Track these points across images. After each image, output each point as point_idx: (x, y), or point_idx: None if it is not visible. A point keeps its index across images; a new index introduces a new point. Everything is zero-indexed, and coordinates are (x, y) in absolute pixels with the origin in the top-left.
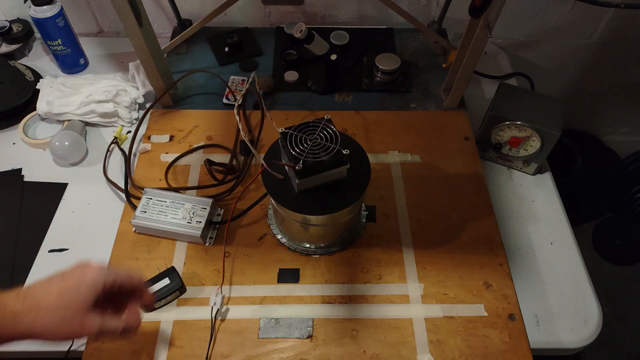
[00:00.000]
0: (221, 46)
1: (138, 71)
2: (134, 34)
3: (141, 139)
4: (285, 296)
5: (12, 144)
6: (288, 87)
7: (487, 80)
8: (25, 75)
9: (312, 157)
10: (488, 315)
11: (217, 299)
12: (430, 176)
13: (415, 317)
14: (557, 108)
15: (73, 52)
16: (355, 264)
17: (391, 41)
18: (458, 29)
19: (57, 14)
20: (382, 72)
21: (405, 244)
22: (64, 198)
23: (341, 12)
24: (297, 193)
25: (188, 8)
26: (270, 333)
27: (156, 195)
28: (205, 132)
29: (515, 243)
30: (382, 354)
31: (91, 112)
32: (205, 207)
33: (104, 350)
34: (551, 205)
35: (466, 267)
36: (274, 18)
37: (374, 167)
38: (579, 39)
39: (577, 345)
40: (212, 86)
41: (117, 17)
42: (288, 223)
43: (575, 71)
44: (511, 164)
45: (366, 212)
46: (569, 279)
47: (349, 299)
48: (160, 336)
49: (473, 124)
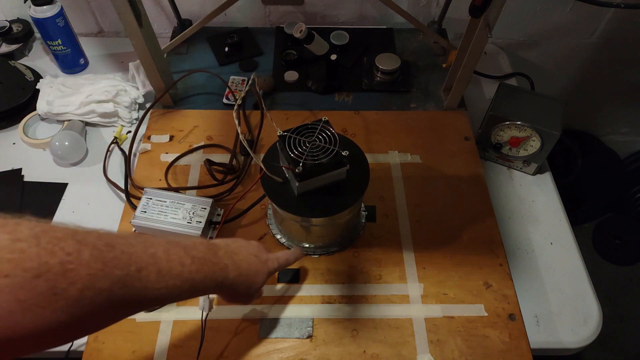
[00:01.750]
0: (221, 46)
1: (138, 71)
2: (134, 34)
3: (141, 139)
4: (285, 296)
5: (12, 144)
6: (288, 87)
7: (487, 80)
8: (25, 75)
9: (311, 159)
10: (488, 315)
11: (205, 303)
12: (430, 176)
13: (415, 317)
14: (557, 108)
15: (73, 52)
16: (355, 264)
17: (391, 41)
18: (458, 29)
19: (57, 14)
20: (382, 72)
21: (405, 244)
22: (64, 198)
23: (341, 12)
24: (297, 195)
25: (188, 8)
26: (270, 333)
27: (156, 195)
28: (205, 132)
29: (515, 243)
30: (382, 354)
31: (91, 112)
32: (205, 207)
33: (104, 350)
34: (551, 205)
35: (466, 267)
36: (274, 18)
37: (374, 167)
38: (579, 39)
39: (577, 345)
40: (212, 86)
41: (117, 17)
42: (287, 223)
43: (575, 71)
44: (511, 164)
45: (366, 212)
46: (569, 279)
47: (349, 299)
48: (160, 336)
49: (473, 124)
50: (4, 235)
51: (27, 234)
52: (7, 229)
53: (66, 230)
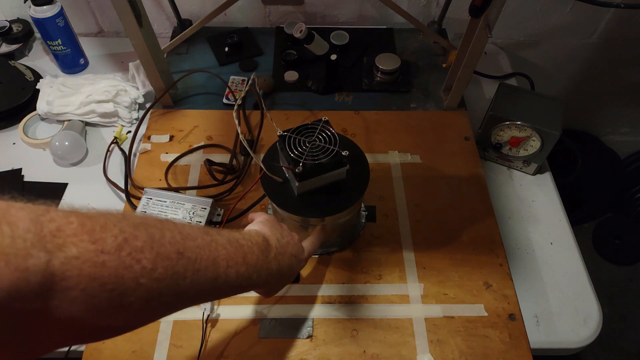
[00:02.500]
0: (221, 46)
1: (138, 71)
2: (134, 34)
3: (141, 139)
4: (285, 296)
5: (12, 144)
6: (288, 87)
7: (487, 80)
8: (25, 75)
9: (311, 159)
10: (488, 315)
11: (205, 303)
12: (430, 176)
13: (415, 317)
14: (557, 108)
15: (73, 52)
16: (355, 264)
17: (391, 41)
18: (458, 29)
19: (57, 14)
20: (382, 72)
21: (405, 244)
22: (64, 198)
23: (341, 12)
24: (297, 195)
25: (188, 8)
26: (270, 333)
27: (156, 195)
28: (205, 132)
29: (515, 243)
30: (382, 354)
31: (91, 112)
32: (205, 207)
33: (104, 350)
34: (551, 205)
35: (466, 267)
36: (274, 18)
37: (374, 167)
38: (579, 39)
39: (577, 345)
40: (212, 86)
41: (117, 17)
42: (287, 223)
43: (575, 71)
44: (511, 164)
45: (366, 212)
46: (569, 279)
47: (349, 299)
48: (160, 336)
49: (473, 124)
50: (90, 246)
51: (112, 244)
52: (94, 236)
53: (146, 237)
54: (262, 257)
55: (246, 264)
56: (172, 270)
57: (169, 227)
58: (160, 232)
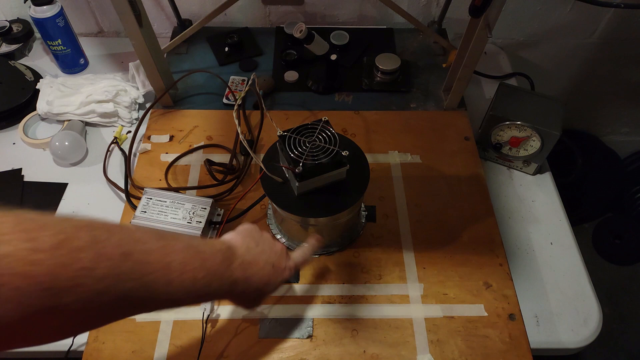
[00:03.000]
0: (221, 46)
1: (138, 71)
2: (134, 34)
3: (141, 139)
4: (285, 296)
5: (12, 144)
6: (288, 87)
7: (487, 80)
8: (25, 75)
9: (311, 159)
10: (488, 315)
11: (205, 304)
12: (430, 176)
13: (415, 317)
14: (557, 108)
15: (73, 52)
16: (355, 263)
17: (391, 41)
18: (458, 29)
19: (57, 14)
20: (382, 72)
21: (405, 244)
22: (64, 198)
23: (341, 12)
24: (297, 195)
25: (188, 8)
26: (270, 333)
27: (156, 195)
28: (205, 132)
29: (515, 243)
30: (382, 354)
31: (91, 112)
32: (205, 207)
33: (104, 350)
34: (551, 205)
35: (466, 267)
36: (274, 18)
37: (374, 167)
38: (579, 39)
39: (577, 345)
40: (212, 86)
41: (117, 17)
42: (287, 223)
43: (575, 71)
44: (511, 164)
45: (366, 213)
46: (569, 279)
47: (349, 299)
48: (160, 336)
49: (473, 124)
50: (23, 244)
51: (48, 243)
52: (29, 234)
53: (88, 238)
54: (222, 266)
55: (205, 270)
56: (116, 271)
57: (119, 231)
58: (107, 234)
